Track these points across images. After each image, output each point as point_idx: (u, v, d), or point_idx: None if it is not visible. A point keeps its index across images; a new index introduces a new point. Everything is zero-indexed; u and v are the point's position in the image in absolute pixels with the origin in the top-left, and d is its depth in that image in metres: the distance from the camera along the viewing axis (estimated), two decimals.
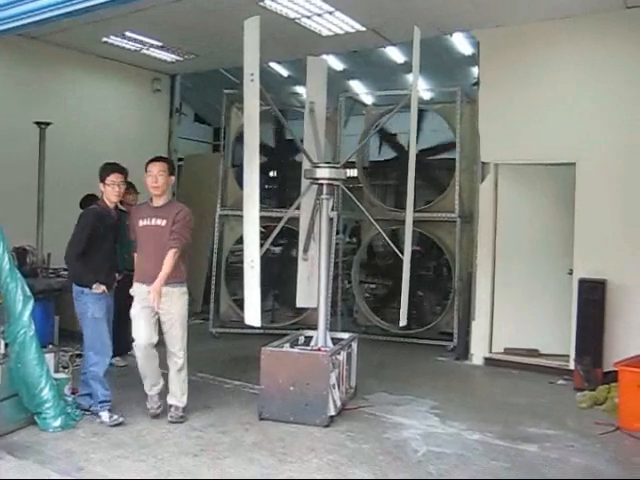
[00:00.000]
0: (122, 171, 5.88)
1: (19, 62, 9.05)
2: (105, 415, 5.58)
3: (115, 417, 5.58)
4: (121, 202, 8.11)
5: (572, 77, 7.72)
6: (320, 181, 6.42)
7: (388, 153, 10.53)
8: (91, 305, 5.65)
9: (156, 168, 5.69)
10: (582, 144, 7.53)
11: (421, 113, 9.48)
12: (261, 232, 5.93)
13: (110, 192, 5.81)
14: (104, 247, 5.78)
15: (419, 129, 9.42)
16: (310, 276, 6.89)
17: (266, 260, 6.90)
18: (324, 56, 9.36)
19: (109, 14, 7.33)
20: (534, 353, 8.09)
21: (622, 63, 7.42)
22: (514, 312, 8.22)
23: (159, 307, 5.54)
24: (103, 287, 5.66)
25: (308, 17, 8.07)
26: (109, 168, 5.81)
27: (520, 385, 7.42)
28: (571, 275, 7.61)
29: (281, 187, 10.46)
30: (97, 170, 5.89)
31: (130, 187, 8.08)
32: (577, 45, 7.71)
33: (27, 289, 5.50)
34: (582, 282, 7.37)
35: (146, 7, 7.38)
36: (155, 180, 5.67)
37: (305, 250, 6.83)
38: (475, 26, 8.44)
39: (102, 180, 5.80)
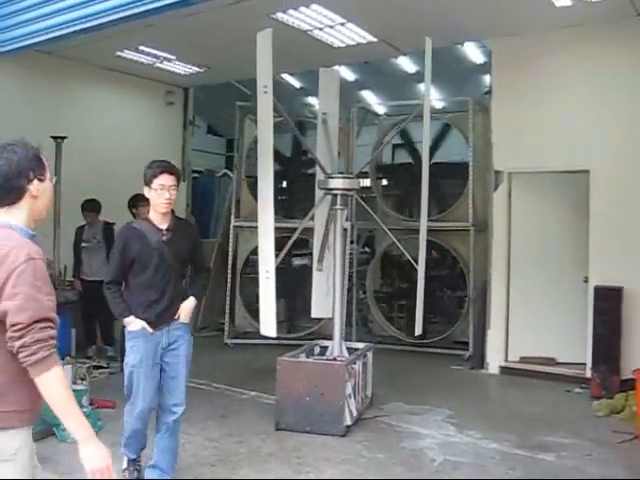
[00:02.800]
0: (173, 171, 4.49)
1: (35, 77, 9.14)
2: (124, 460, 4.71)
3: (126, 472, 4.67)
4: (134, 215, 8.19)
5: (585, 85, 7.72)
6: (334, 192, 6.45)
7: (403, 157, 10.54)
8: (128, 346, 4.51)
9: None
10: (595, 151, 7.52)
11: (445, 127, 9.56)
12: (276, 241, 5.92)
13: (156, 199, 4.45)
14: (148, 274, 4.45)
15: (440, 142, 9.50)
16: (325, 286, 6.90)
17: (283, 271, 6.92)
18: (336, 67, 9.41)
19: (123, 29, 7.40)
20: (550, 361, 8.04)
21: (634, 70, 7.40)
22: (530, 320, 8.18)
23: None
24: (142, 323, 4.41)
25: (320, 29, 8.11)
26: (156, 166, 4.45)
27: (536, 394, 7.39)
28: (586, 283, 7.58)
29: (295, 198, 10.50)
30: (111, 183, 5.84)
31: (145, 200, 8.14)
32: (589, 53, 7.70)
33: None
34: (598, 289, 7.34)
35: (159, 22, 7.46)
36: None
37: (320, 260, 6.86)
38: (486, 36, 8.47)
39: (147, 183, 4.44)
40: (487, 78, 9.19)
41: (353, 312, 9.72)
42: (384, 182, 11.22)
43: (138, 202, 8.16)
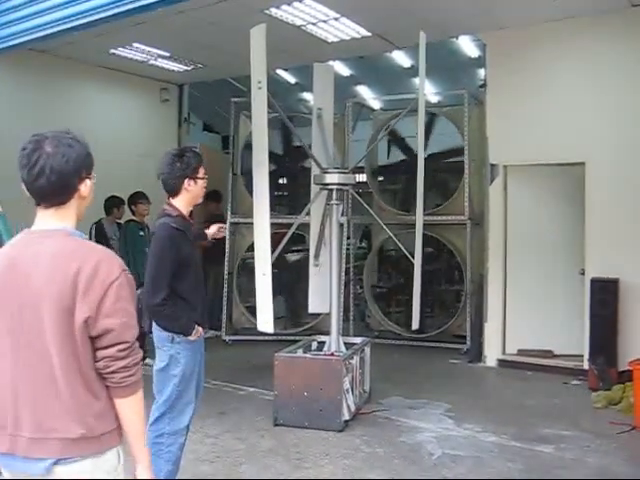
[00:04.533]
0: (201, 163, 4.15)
1: (28, 75, 9.12)
2: None
3: None
4: (133, 212, 8.21)
5: (579, 77, 7.72)
6: (329, 187, 6.44)
7: (397, 156, 10.54)
8: (177, 356, 3.98)
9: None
10: (590, 143, 7.52)
11: (431, 118, 9.53)
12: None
13: (200, 189, 4.12)
14: (192, 273, 4.04)
15: (429, 133, 9.47)
16: (322, 281, 6.90)
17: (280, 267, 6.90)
18: (331, 62, 9.38)
19: (116, 26, 7.38)
20: (548, 354, 8.06)
21: (629, 61, 7.41)
22: (527, 313, 8.20)
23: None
24: (201, 330, 4.06)
25: (314, 24, 8.10)
26: (197, 154, 4.14)
27: (534, 386, 7.40)
28: (583, 275, 7.59)
29: (290, 194, 10.49)
30: (108, 180, 5.78)
31: (144, 197, 8.13)
32: (584, 45, 7.70)
33: None
34: (594, 282, 7.36)
35: (152, 19, 7.44)
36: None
37: (316, 256, 6.85)
38: (481, 29, 8.46)
39: (193, 172, 4.04)
40: (482, 72, 9.17)
41: (350, 307, 9.72)
42: (380, 177, 11.21)
43: (138, 199, 8.16)
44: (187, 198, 4.06)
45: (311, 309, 7.19)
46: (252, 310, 8.57)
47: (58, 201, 2.22)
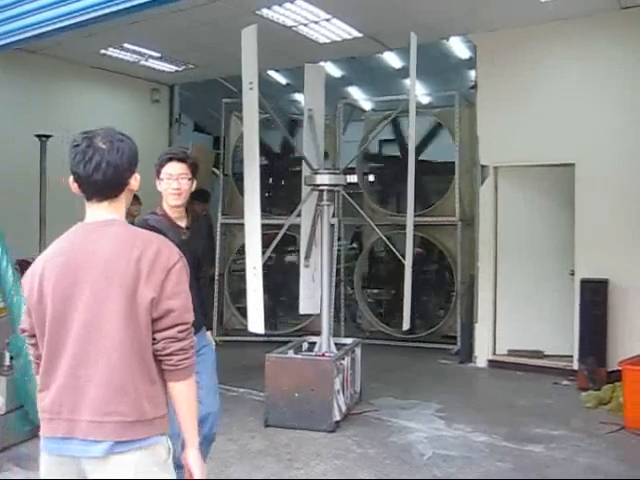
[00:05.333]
0: (184, 158, 4.04)
1: (19, 76, 9.08)
2: None
3: None
4: None
5: (569, 78, 7.75)
6: (320, 187, 6.44)
7: (390, 152, 10.53)
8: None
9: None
10: (580, 144, 7.56)
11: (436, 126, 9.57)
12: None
13: (164, 189, 4.00)
14: None
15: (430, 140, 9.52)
16: (313, 282, 6.90)
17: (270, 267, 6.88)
18: (322, 63, 9.39)
19: (107, 27, 7.36)
20: (538, 354, 8.09)
21: (619, 63, 7.44)
22: (517, 314, 8.23)
23: None
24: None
25: (305, 25, 8.10)
26: (164, 154, 4.08)
27: (524, 386, 7.42)
28: (573, 276, 7.62)
29: (283, 194, 10.48)
30: None
31: (136, 198, 8.09)
32: (574, 46, 7.74)
33: None
34: (584, 282, 7.39)
35: (143, 19, 7.42)
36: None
37: (307, 257, 6.85)
38: (471, 30, 8.48)
39: (157, 174, 4.03)
40: (473, 73, 9.20)
41: (341, 308, 9.73)
42: (371, 178, 11.23)
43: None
44: (164, 198, 4.03)
45: (302, 310, 7.20)
46: (243, 311, 8.56)
47: (112, 194, 2.30)
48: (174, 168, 3.97)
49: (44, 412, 2.23)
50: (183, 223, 4.04)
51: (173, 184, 3.94)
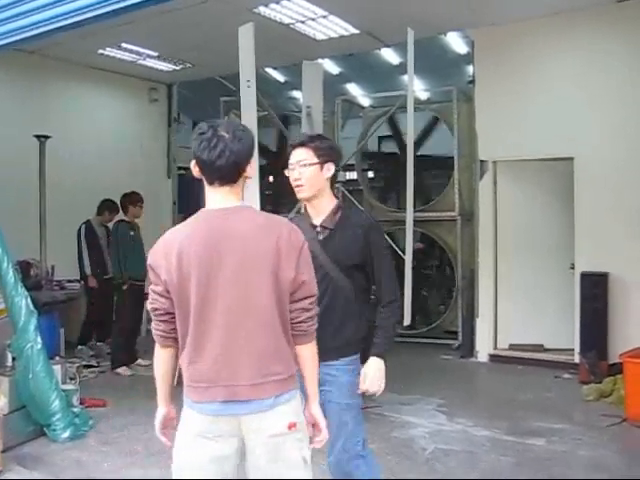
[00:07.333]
0: (308, 143, 3.35)
1: (17, 76, 9.08)
2: None
3: None
4: (124, 212, 8.13)
5: (567, 72, 7.75)
6: None
7: (389, 149, 10.53)
8: None
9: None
10: (579, 138, 7.55)
11: (434, 120, 9.57)
12: None
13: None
14: None
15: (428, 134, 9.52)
16: None
17: None
18: (320, 60, 9.40)
19: (104, 26, 7.36)
20: (539, 348, 8.10)
21: (617, 57, 7.43)
22: (518, 308, 8.24)
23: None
24: None
25: (302, 22, 8.10)
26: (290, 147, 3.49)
27: (526, 380, 7.43)
28: (573, 269, 7.63)
29: (281, 191, 10.48)
30: (96, 181, 5.73)
31: (142, 200, 8.03)
32: (571, 40, 7.73)
33: (30, 303, 5.52)
34: (584, 276, 7.40)
35: (140, 19, 7.42)
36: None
37: None
38: (468, 25, 8.48)
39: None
40: (470, 68, 9.20)
41: None
42: (370, 174, 11.23)
43: (137, 201, 8.00)
44: None
45: None
46: None
47: (232, 180, 2.50)
48: (293, 156, 3.36)
49: (200, 382, 2.46)
50: (319, 220, 3.34)
51: (293, 174, 3.35)
